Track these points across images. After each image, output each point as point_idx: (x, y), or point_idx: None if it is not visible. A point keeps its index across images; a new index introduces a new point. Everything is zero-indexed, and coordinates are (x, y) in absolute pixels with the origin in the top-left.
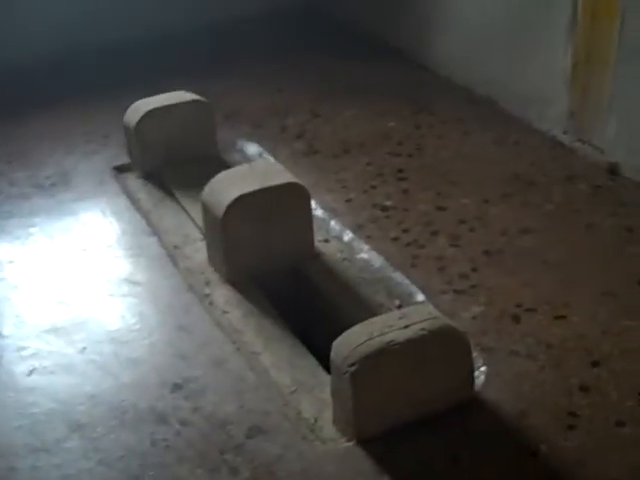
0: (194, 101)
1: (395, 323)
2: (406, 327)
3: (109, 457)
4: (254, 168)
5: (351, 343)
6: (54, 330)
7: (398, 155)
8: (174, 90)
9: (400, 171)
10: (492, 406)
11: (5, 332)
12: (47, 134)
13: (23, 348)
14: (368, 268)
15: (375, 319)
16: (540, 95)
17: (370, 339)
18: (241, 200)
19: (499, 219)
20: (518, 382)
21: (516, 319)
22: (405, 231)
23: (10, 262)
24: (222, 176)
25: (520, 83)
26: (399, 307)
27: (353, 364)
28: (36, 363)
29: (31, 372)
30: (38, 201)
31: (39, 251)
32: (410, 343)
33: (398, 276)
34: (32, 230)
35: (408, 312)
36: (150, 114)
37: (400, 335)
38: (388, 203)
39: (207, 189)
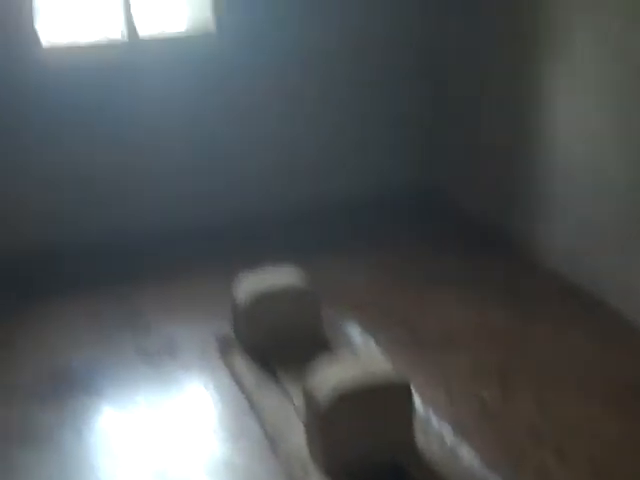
0: (303, 284)
1: None
2: None
3: None
4: (357, 359)
5: None
6: None
7: (501, 351)
8: (280, 264)
9: (502, 368)
10: None
11: None
12: (156, 304)
13: None
14: (469, 469)
15: None
16: None
17: None
18: (343, 394)
19: (608, 431)
20: None
21: None
22: (507, 434)
23: (113, 430)
24: (325, 367)
25: (629, 279)
26: None
27: None
28: None
29: None
30: (144, 369)
31: (141, 421)
32: None
33: (501, 476)
34: (137, 399)
35: None
36: (259, 294)
37: None
38: (489, 401)
39: (310, 379)
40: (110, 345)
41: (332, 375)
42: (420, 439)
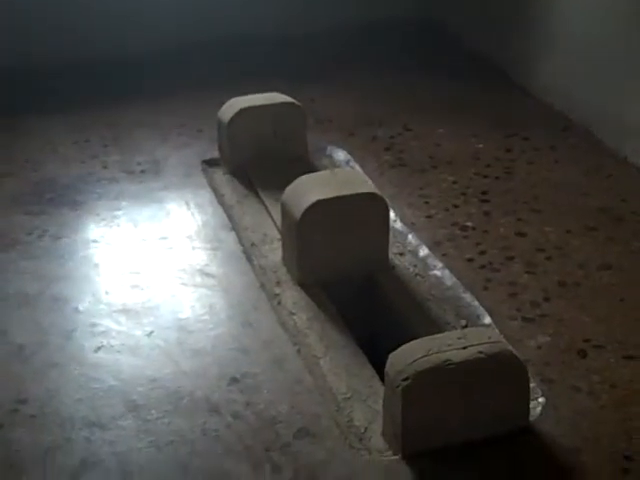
0: (287, 103)
1: (454, 343)
2: (464, 348)
3: (160, 440)
4: (336, 175)
5: (407, 358)
6: (125, 311)
7: (485, 177)
8: (271, 91)
9: (484, 193)
10: (545, 439)
11: (81, 308)
12: (145, 124)
13: (95, 325)
14: (439, 286)
15: (435, 337)
16: (639, 130)
17: (426, 356)
18: (318, 205)
19: (580, 251)
20: (576, 418)
21: (582, 354)
22: (481, 253)
23: (94, 241)
24: (303, 180)
25: (619, 115)
26: (464, 328)
27: (406, 379)
28: (104, 341)
29: (98, 349)
30: (127, 186)
31: (121, 234)
32: (466, 364)
33: (468, 297)
34: (117, 213)
35: (469, 333)
36: (242, 112)
37: (457, 355)
38: (468, 223)
39: (287, 191)
40: (96, 163)
41: (309, 186)
42: (395, 256)
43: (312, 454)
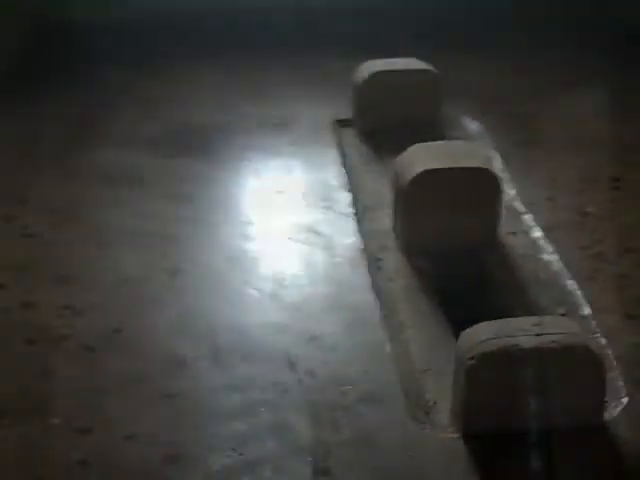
0: (424, 70)
1: (529, 328)
2: (538, 335)
3: (234, 383)
4: (453, 146)
5: (476, 338)
6: (228, 259)
7: (622, 162)
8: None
9: (616, 180)
10: (617, 439)
11: (190, 251)
12: (284, 79)
13: (198, 268)
14: (545, 270)
15: (511, 319)
16: None
17: (496, 338)
18: (425, 175)
19: None
20: None
21: None
22: (597, 242)
23: (216, 189)
24: (417, 148)
25: None
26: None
27: (472, 358)
28: (203, 286)
29: (196, 292)
30: (258, 138)
31: (243, 184)
32: (535, 351)
33: (572, 285)
34: (244, 163)
35: (546, 321)
36: (377, 75)
37: (528, 341)
38: (589, 209)
39: (400, 158)
40: (234, 114)
41: (422, 155)
42: (507, 235)
43: (372, 420)
